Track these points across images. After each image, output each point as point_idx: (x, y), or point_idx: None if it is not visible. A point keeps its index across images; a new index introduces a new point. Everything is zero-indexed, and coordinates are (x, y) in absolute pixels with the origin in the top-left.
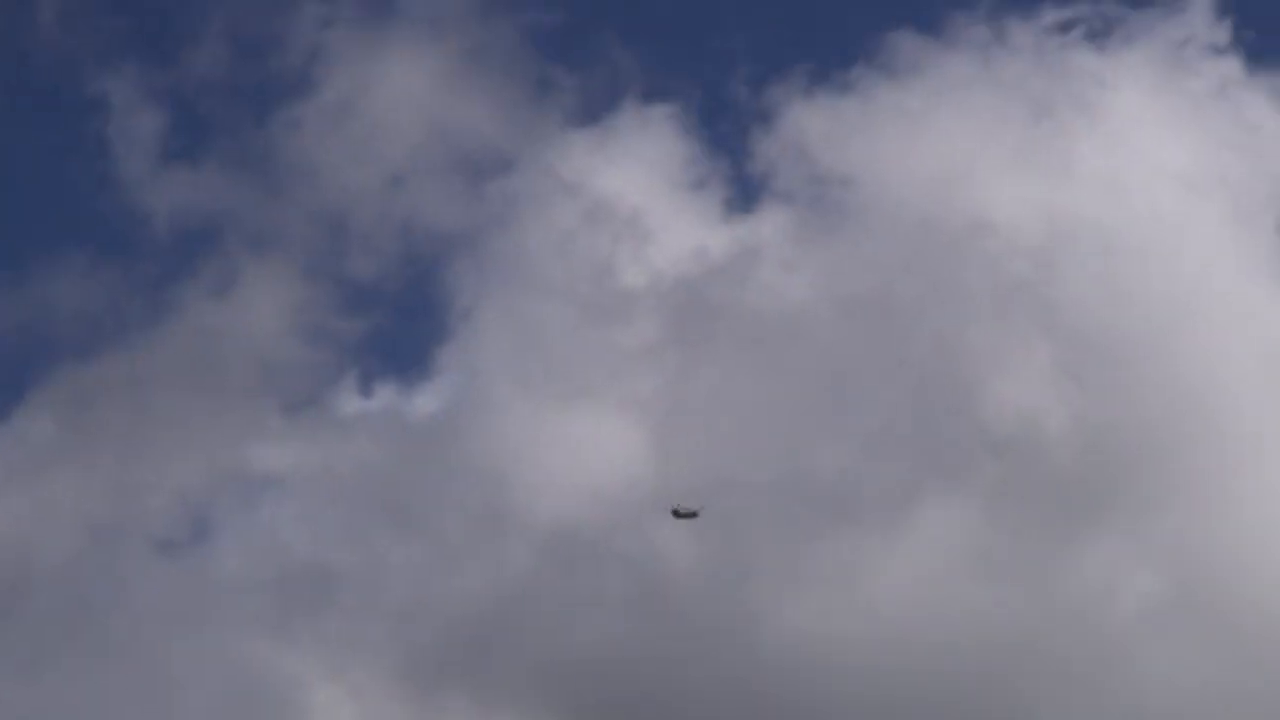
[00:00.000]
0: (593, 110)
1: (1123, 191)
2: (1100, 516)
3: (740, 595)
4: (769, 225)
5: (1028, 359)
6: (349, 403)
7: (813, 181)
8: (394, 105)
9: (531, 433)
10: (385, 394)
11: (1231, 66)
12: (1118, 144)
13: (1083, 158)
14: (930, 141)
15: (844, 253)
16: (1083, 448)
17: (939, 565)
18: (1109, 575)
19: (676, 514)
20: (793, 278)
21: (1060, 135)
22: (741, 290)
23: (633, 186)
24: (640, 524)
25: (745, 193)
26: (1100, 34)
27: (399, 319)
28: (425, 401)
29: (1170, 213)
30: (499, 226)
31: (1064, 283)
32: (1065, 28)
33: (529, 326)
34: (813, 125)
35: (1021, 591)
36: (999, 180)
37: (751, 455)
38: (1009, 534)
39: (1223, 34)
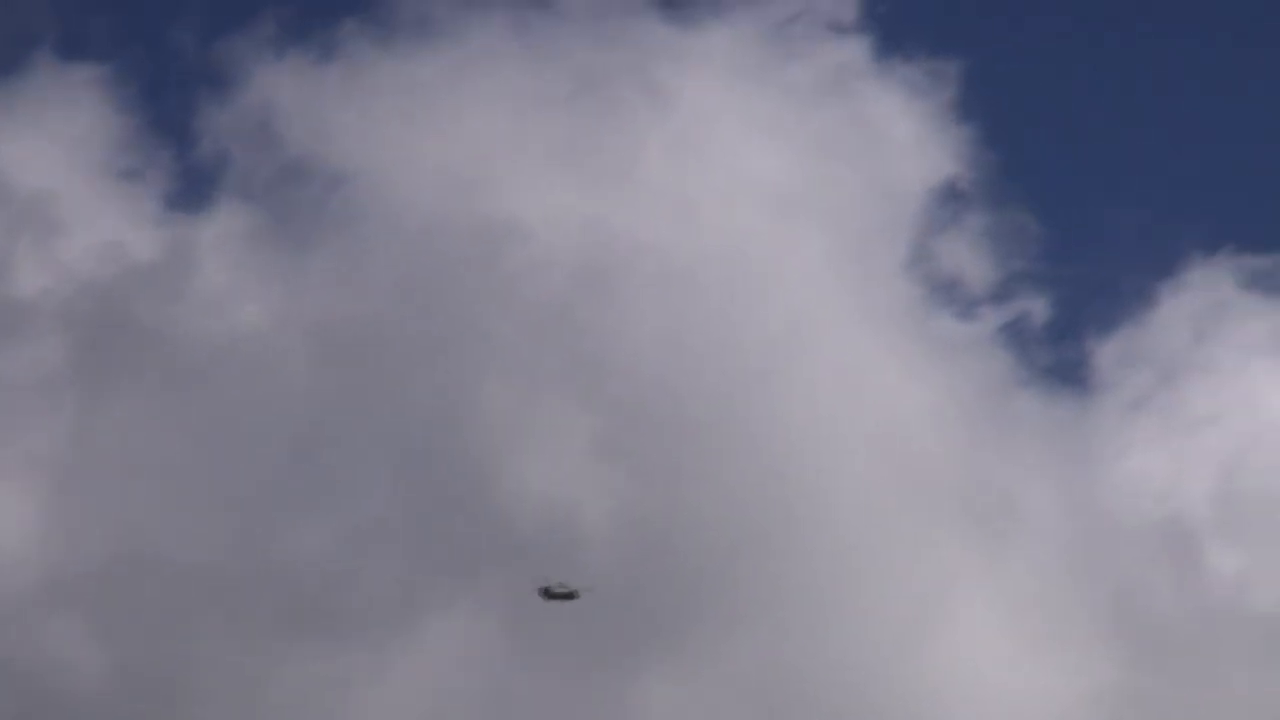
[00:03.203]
0: None
1: (696, 207)
2: (657, 645)
3: None
4: (217, 225)
5: (560, 428)
6: None
7: (281, 172)
8: None
9: None
10: None
11: (856, 49)
12: (693, 143)
13: (645, 160)
14: (441, 124)
15: (316, 266)
16: (632, 551)
17: (440, 700)
18: None
19: (548, 594)
20: (245, 296)
21: (615, 127)
22: (174, 308)
23: (40, 165)
24: (24, 621)
25: (193, 185)
26: None
27: None
28: None
29: (760, 239)
30: None
31: (611, 329)
32: None
33: None
34: (282, 96)
35: None
36: (529, 181)
37: (184, 533)
38: (536, 663)
39: (848, 7)
